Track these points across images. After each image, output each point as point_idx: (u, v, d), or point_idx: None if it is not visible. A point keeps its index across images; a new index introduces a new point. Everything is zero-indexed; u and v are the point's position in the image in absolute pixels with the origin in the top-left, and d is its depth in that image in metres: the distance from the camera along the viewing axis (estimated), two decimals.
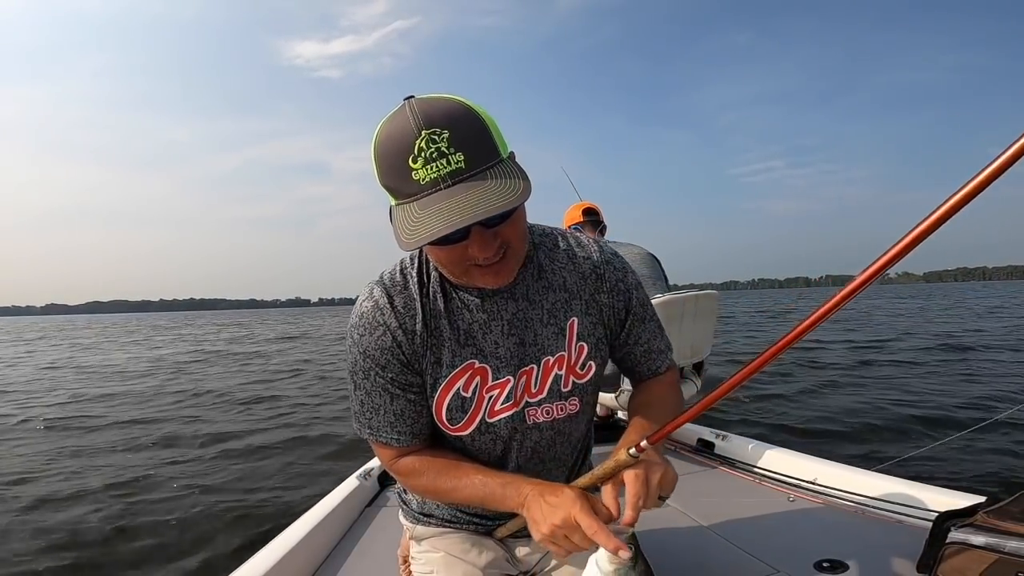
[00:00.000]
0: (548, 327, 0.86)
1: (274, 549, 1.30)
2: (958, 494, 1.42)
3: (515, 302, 0.85)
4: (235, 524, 2.97)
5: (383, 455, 0.90)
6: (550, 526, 0.69)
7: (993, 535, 1.00)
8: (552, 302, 0.87)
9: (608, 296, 0.90)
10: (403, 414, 0.85)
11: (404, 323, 0.82)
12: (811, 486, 1.73)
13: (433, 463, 0.87)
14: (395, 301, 0.82)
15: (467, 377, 0.84)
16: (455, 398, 0.84)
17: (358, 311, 0.83)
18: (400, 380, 0.83)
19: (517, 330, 0.85)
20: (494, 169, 0.67)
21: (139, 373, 10.28)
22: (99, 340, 23.67)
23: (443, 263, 0.76)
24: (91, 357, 14.50)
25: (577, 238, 0.93)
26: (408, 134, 0.65)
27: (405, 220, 0.66)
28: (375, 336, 0.82)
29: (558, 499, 0.71)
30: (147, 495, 3.46)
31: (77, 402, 7.13)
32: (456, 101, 0.68)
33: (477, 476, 0.83)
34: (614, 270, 0.91)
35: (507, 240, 0.74)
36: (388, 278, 0.85)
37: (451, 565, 0.94)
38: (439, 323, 0.83)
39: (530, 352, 0.86)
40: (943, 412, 4.79)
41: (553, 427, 0.89)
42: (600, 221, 2.53)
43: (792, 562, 1.28)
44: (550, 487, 0.75)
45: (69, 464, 4.22)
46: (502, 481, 0.81)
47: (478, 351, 0.84)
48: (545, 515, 0.71)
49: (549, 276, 0.88)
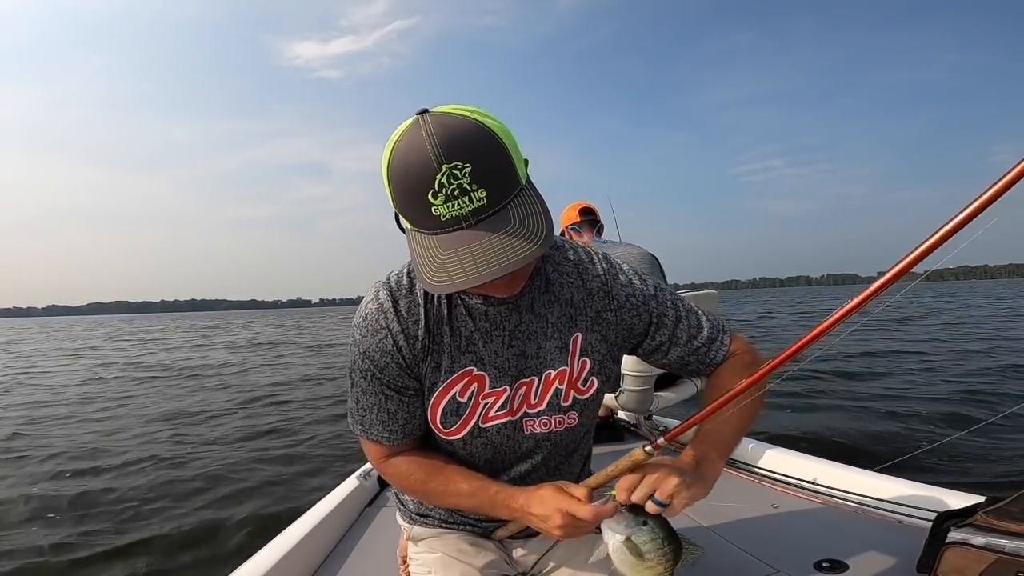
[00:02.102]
0: (551, 341, 0.87)
1: (274, 549, 1.30)
2: (958, 494, 1.42)
3: (519, 314, 0.85)
4: (236, 523, 2.98)
5: (373, 453, 0.91)
6: (558, 530, 0.75)
7: (993, 535, 1.00)
8: (557, 316, 0.87)
9: (616, 314, 0.88)
10: (395, 415, 0.86)
11: (407, 328, 0.82)
12: (811, 486, 1.73)
13: (422, 465, 0.88)
14: (399, 305, 0.83)
15: (464, 383, 0.85)
16: (451, 402, 0.85)
17: (363, 312, 0.84)
18: (396, 383, 0.84)
19: (518, 341, 0.86)
20: (515, 202, 0.66)
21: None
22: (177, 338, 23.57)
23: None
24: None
25: (588, 252, 0.92)
26: (427, 167, 0.63)
27: (427, 257, 0.66)
28: (377, 339, 0.82)
29: (542, 506, 0.77)
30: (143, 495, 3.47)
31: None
32: (475, 122, 0.65)
33: (465, 483, 0.85)
34: (622, 286, 0.89)
35: (510, 287, 0.77)
36: (395, 281, 0.85)
37: (448, 566, 0.93)
38: (441, 329, 0.84)
39: (531, 364, 0.86)
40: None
41: (550, 439, 0.90)
42: (597, 221, 2.53)
43: (792, 562, 1.27)
44: (533, 496, 0.79)
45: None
46: (493, 490, 0.84)
47: (477, 359, 0.85)
48: (546, 525, 0.77)
49: (556, 290, 0.88)
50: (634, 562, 0.71)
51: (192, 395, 7.49)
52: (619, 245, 2.47)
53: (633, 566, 0.71)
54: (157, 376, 9.77)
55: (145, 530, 2.93)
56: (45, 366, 12.52)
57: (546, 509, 0.76)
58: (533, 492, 0.80)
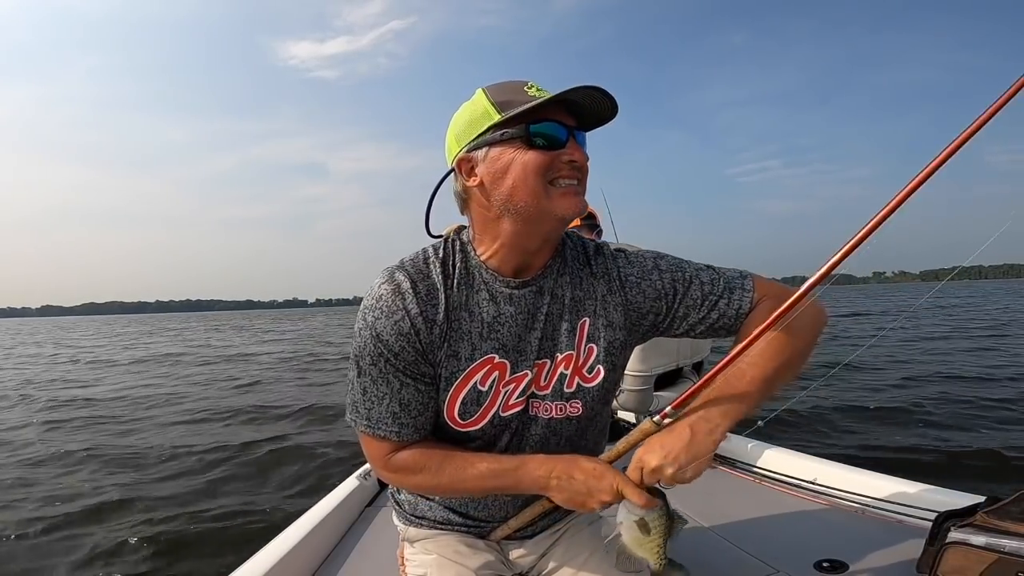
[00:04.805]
0: (564, 322, 0.86)
1: (274, 549, 1.30)
2: (958, 494, 1.42)
3: (542, 296, 0.86)
4: (234, 524, 2.97)
5: (376, 451, 0.86)
6: (598, 502, 0.77)
7: (993, 535, 1.00)
8: (571, 299, 0.87)
9: (620, 295, 0.88)
10: (409, 405, 0.82)
11: (425, 311, 0.80)
12: (811, 486, 1.73)
13: (433, 455, 0.84)
14: (418, 288, 0.81)
15: (485, 371, 0.83)
16: (471, 391, 0.83)
17: (375, 294, 0.81)
18: (412, 370, 0.81)
19: (540, 325, 0.85)
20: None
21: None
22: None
23: (530, 175, 0.76)
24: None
25: (594, 242, 0.94)
26: (519, 81, 0.78)
27: (519, 108, 0.75)
28: (393, 320, 0.79)
29: (595, 478, 0.78)
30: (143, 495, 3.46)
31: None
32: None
33: (483, 463, 0.83)
34: (620, 267, 0.89)
35: (584, 165, 0.79)
36: (411, 264, 0.83)
37: (444, 567, 0.92)
38: (460, 315, 0.82)
39: (546, 347, 0.86)
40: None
41: (548, 426, 0.87)
42: (596, 225, 2.51)
43: (792, 562, 1.27)
44: (576, 461, 0.80)
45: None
46: (515, 463, 0.82)
47: (500, 345, 0.83)
48: (590, 494, 0.78)
49: (571, 272, 0.88)
50: (641, 538, 0.77)
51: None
52: (617, 245, 2.45)
53: (640, 541, 0.78)
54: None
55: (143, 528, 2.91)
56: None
57: (599, 483, 0.77)
58: (573, 460, 0.80)
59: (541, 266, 0.86)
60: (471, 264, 0.85)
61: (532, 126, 0.75)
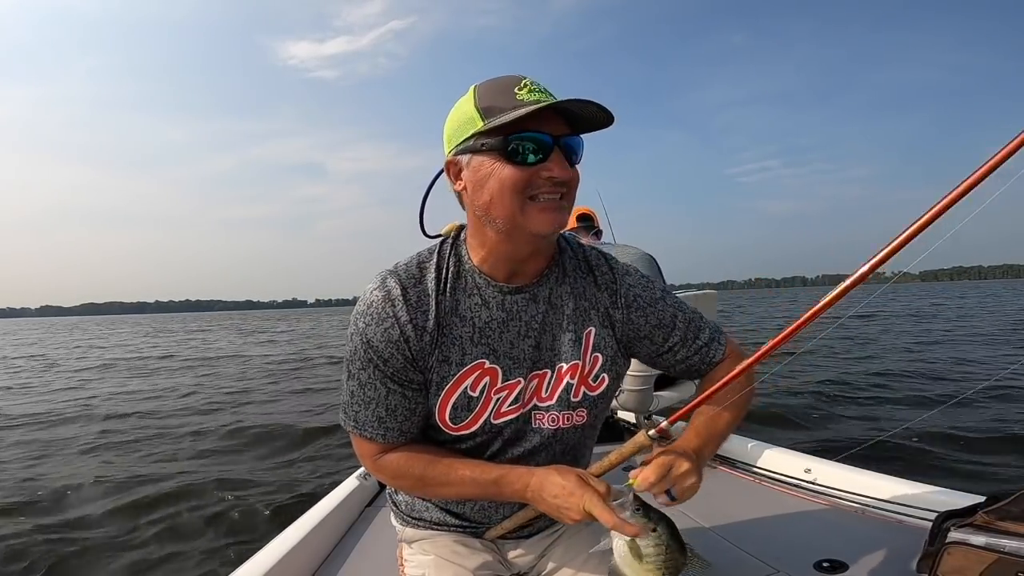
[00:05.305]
0: (567, 333, 0.86)
1: (274, 549, 1.29)
2: (958, 494, 1.42)
3: (536, 304, 0.85)
4: (234, 524, 2.97)
5: (365, 451, 0.87)
6: (570, 519, 0.75)
7: (993, 535, 1.00)
8: (572, 308, 0.87)
9: (623, 313, 0.89)
10: (395, 410, 0.83)
11: (415, 318, 0.80)
12: (811, 486, 1.73)
13: (419, 458, 0.85)
14: (409, 294, 0.81)
15: (475, 376, 0.83)
16: (462, 396, 0.83)
17: (367, 299, 0.81)
18: (400, 376, 0.82)
19: (535, 333, 0.85)
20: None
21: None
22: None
23: (506, 191, 0.74)
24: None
25: (597, 252, 0.93)
26: (512, 80, 0.75)
27: (501, 116, 0.72)
28: (382, 327, 0.80)
29: (563, 496, 0.75)
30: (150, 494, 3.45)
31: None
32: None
33: (466, 469, 0.83)
34: (629, 286, 0.90)
35: (570, 181, 0.77)
36: (403, 270, 0.83)
37: (441, 568, 0.92)
38: (451, 320, 0.82)
39: (545, 356, 0.86)
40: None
41: (555, 435, 0.88)
42: (595, 226, 2.50)
43: (792, 562, 1.27)
44: (549, 476, 0.78)
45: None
46: (498, 473, 0.82)
47: (491, 350, 0.83)
48: (560, 514, 0.77)
49: (572, 282, 0.88)
50: (633, 563, 0.72)
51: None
52: (615, 246, 2.45)
53: (631, 565, 0.72)
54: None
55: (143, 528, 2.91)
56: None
57: (567, 501, 0.75)
58: (547, 475, 0.78)
59: (535, 273, 0.86)
60: (464, 268, 0.85)
61: (512, 137, 0.72)
